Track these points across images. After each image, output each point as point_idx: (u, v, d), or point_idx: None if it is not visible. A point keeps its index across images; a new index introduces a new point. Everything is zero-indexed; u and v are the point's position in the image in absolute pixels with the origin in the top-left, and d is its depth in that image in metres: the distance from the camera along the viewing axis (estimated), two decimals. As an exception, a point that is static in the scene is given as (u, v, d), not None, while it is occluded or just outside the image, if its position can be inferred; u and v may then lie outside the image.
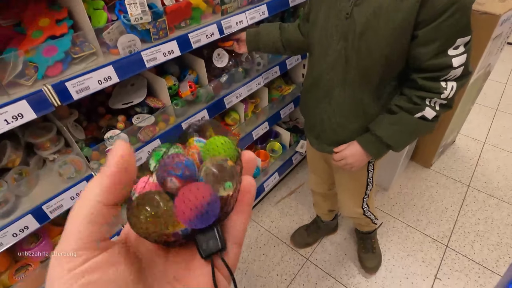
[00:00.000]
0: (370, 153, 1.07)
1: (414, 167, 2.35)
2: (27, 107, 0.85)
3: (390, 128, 1.00)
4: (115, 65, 0.99)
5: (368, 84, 0.99)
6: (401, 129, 0.99)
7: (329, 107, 1.09)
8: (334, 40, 0.98)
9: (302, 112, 1.28)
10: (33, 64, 0.88)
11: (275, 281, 1.70)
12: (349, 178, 1.34)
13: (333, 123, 1.11)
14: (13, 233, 0.96)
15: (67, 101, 0.92)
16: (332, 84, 1.04)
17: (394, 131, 1.00)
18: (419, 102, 0.94)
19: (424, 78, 0.91)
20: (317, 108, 1.13)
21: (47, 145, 1.08)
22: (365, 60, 0.94)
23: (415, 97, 0.95)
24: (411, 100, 0.96)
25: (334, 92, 1.05)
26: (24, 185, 1.01)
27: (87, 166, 1.11)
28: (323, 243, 1.89)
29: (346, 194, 1.43)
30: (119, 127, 1.18)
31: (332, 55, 1.01)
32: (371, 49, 0.92)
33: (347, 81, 1.01)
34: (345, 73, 1.00)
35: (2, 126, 0.82)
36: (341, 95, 1.04)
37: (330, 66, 1.03)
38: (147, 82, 1.30)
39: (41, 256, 1.13)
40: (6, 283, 1.08)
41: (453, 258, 1.76)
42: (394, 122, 0.99)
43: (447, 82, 0.90)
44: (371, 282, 1.68)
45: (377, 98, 1.02)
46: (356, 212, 1.47)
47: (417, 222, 1.96)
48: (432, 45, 0.85)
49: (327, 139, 1.17)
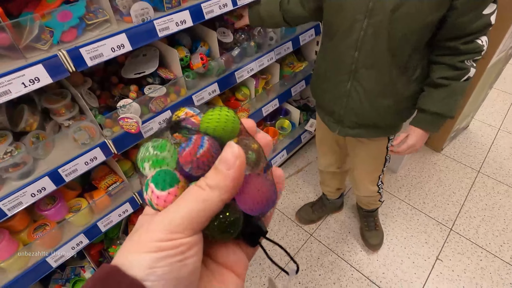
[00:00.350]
0: (432, 131, 1.08)
1: (424, 151, 2.33)
2: (43, 71, 0.87)
3: (446, 102, 1.01)
4: (128, 33, 1.00)
5: (397, 61, 0.97)
6: (456, 98, 1.01)
7: (353, 90, 1.06)
8: (360, 19, 0.93)
9: (316, 96, 1.25)
10: (48, 29, 0.89)
11: (278, 254, 1.75)
12: (368, 158, 1.35)
13: (358, 106, 1.08)
14: (31, 193, 1.01)
15: (81, 67, 0.94)
16: (357, 65, 1.01)
17: (450, 103, 1.01)
18: (464, 66, 0.96)
19: (465, 42, 0.93)
20: (337, 91, 1.10)
21: (62, 111, 1.11)
22: (397, 37, 0.92)
23: (458, 63, 0.96)
24: (455, 67, 0.97)
25: (360, 73, 1.02)
26: (41, 148, 1.05)
27: (100, 133, 1.14)
28: (327, 221, 1.92)
29: (364, 174, 1.44)
30: (131, 97, 1.20)
31: (356, 34, 0.96)
32: (405, 26, 0.89)
33: (376, 61, 0.98)
34: (373, 53, 0.97)
35: (19, 89, 0.85)
36: (368, 75, 1.01)
37: (355, 47, 0.98)
38: (159, 53, 1.30)
39: (57, 216, 1.19)
40: (25, 240, 1.15)
41: (456, 241, 1.78)
42: (447, 95, 1.00)
43: (481, 38, 0.93)
44: (373, 259, 1.72)
45: (405, 73, 1.01)
46: (371, 190, 1.49)
47: (423, 205, 1.97)
48: (473, 12, 0.87)
49: (350, 122, 1.14)
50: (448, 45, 0.96)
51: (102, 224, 1.29)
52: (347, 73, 1.04)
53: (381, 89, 1.03)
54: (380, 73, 1.00)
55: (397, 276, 1.65)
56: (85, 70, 1.30)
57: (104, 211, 1.30)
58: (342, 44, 1.01)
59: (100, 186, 1.31)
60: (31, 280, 1.14)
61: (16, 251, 1.08)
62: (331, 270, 1.69)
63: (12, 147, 0.98)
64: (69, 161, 1.06)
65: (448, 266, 1.67)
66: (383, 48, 0.95)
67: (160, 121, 1.25)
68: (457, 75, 0.97)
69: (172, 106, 1.28)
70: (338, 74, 1.07)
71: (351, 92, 1.07)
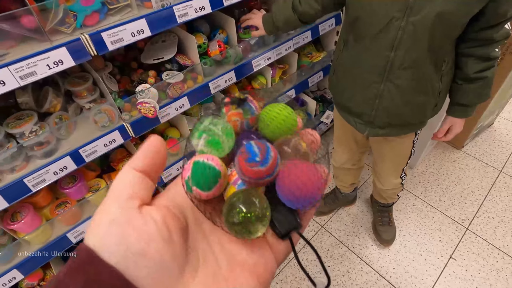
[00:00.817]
0: (469, 116, 1.12)
1: (444, 148, 2.26)
2: (66, 54, 0.90)
3: (484, 93, 1.04)
4: (148, 18, 1.01)
5: (435, 57, 0.94)
6: (491, 84, 1.03)
7: (386, 90, 1.01)
8: (398, 17, 0.88)
9: (339, 97, 1.20)
10: (72, 13, 0.92)
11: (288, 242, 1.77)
12: (395, 155, 1.35)
13: (391, 106, 1.04)
14: (54, 171, 1.06)
15: (103, 51, 0.96)
16: (392, 65, 0.96)
17: (487, 91, 1.04)
18: (497, 54, 0.97)
19: (499, 31, 0.92)
20: (368, 92, 1.05)
21: (84, 94, 1.15)
22: (440, 35, 0.88)
23: (493, 52, 0.96)
24: (488, 58, 0.96)
25: (394, 73, 0.97)
26: (63, 129, 1.09)
27: (119, 116, 1.17)
28: (339, 213, 1.92)
29: (389, 170, 1.44)
30: (149, 82, 1.22)
31: (393, 34, 0.90)
32: (450, 21, 0.86)
33: (414, 60, 0.93)
34: (412, 52, 0.92)
35: (44, 71, 0.88)
36: (404, 75, 0.97)
37: (391, 47, 0.93)
38: (178, 39, 1.32)
39: (77, 195, 1.25)
40: (48, 216, 1.22)
41: (472, 240, 1.73)
42: (484, 86, 1.02)
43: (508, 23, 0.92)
44: (384, 254, 1.71)
45: (439, 67, 0.98)
46: (395, 183, 1.49)
47: (439, 202, 1.93)
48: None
49: (382, 122, 1.11)
50: (482, 35, 0.93)
51: (119, 205, 1.34)
52: (380, 74, 0.99)
53: (416, 86, 1.00)
54: (416, 71, 0.96)
55: (407, 272, 1.63)
56: (106, 54, 1.34)
57: (121, 192, 1.35)
58: (375, 44, 0.95)
59: (118, 168, 1.36)
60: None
61: (39, 225, 1.14)
62: (340, 262, 1.70)
63: (37, 127, 1.03)
64: (89, 142, 1.10)
65: (461, 265, 1.64)
66: (423, 47, 0.90)
67: (176, 107, 1.27)
68: (491, 65, 0.98)
69: (189, 92, 1.30)
70: (368, 76, 1.02)
71: (383, 92, 1.02)
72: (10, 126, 0.99)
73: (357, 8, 0.96)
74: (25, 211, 1.12)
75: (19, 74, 0.84)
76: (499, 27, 0.91)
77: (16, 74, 0.84)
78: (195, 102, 1.34)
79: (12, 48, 0.89)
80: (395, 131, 1.16)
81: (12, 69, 0.83)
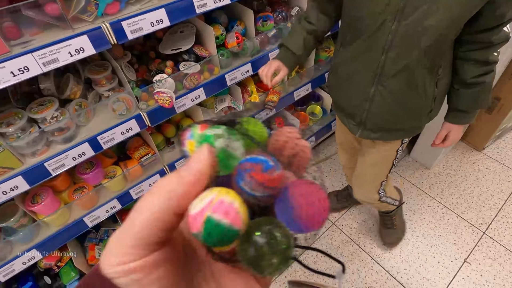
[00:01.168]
0: (468, 123, 1.09)
1: (463, 149, 2.19)
2: (87, 42, 0.92)
3: (483, 98, 1.00)
4: (167, 8, 1.01)
5: (428, 61, 0.90)
6: (490, 89, 1.00)
7: (378, 94, 0.98)
8: (388, 21, 0.84)
9: (335, 97, 1.17)
10: (94, 1, 0.93)
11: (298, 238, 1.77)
12: (376, 160, 1.26)
13: (383, 110, 1.01)
14: (73, 157, 1.09)
15: (122, 40, 0.98)
16: (383, 69, 0.93)
17: (486, 97, 1.00)
18: (495, 59, 0.92)
19: (497, 33, 0.87)
20: (360, 95, 1.02)
21: (103, 82, 1.17)
22: (433, 38, 0.84)
23: (492, 55, 0.91)
24: (487, 63, 0.92)
25: (386, 76, 0.94)
26: (83, 115, 1.12)
27: (136, 105, 1.19)
28: (351, 211, 1.90)
29: (366, 176, 1.35)
30: (166, 72, 1.23)
31: (384, 37, 0.87)
32: (442, 23, 0.81)
33: (405, 64, 0.90)
34: (403, 56, 0.89)
35: (66, 58, 0.91)
36: (396, 79, 0.93)
37: (380, 50, 0.90)
38: (196, 30, 1.32)
39: (94, 181, 1.28)
40: (66, 199, 1.26)
41: (488, 245, 1.68)
42: (482, 92, 0.98)
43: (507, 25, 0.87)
44: (395, 254, 1.68)
45: (433, 71, 0.94)
46: (371, 198, 1.41)
47: (455, 205, 1.87)
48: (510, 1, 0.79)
49: (374, 125, 1.08)
50: (479, 38, 0.88)
51: (134, 192, 1.37)
52: (372, 77, 0.96)
53: (408, 91, 0.95)
54: (408, 76, 0.92)
55: (419, 274, 1.60)
56: (125, 43, 1.36)
57: (136, 180, 1.38)
58: (368, 46, 0.92)
59: (133, 156, 1.39)
60: (69, 236, 1.25)
61: (58, 208, 1.18)
62: (350, 260, 1.68)
63: (58, 113, 1.05)
64: (107, 130, 1.13)
65: (476, 270, 1.60)
66: (415, 51, 0.87)
67: (192, 98, 1.28)
68: (489, 69, 0.93)
69: (205, 84, 1.30)
70: (361, 78, 0.99)
71: (375, 96, 0.99)
72: (33, 111, 1.02)
73: (352, 9, 0.93)
74: (45, 194, 1.16)
75: (43, 61, 0.86)
76: (498, 29, 0.86)
77: (39, 60, 0.86)
78: (211, 94, 1.35)
79: (36, 35, 0.92)
80: (387, 136, 1.12)
81: (36, 55, 0.85)
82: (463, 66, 0.95)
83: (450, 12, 0.79)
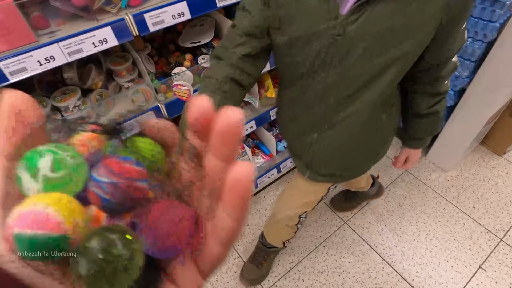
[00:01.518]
0: (425, 146, 1.12)
1: (483, 152, 2.13)
2: (110, 33, 0.94)
3: (438, 124, 1.02)
4: (188, 1, 1.02)
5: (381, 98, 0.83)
6: (442, 114, 1.01)
7: (326, 136, 0.91)
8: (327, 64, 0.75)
9: (282, 134, 1.11)
10: (118, -7, 0.95)
11: (309, 235, 1.77)
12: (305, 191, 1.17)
13: (334, 153, 0.95)
14: (92, 145, 1.12)
15: (144, 32, 0.99)
16: (330, 110, 0.85)
17: (440, 122, 1.03)
18: (446, 88, 0.92)
19: (446, 65, 0.84)
20: (307, 137, 0.94)
21: (123, 73, 1.19)
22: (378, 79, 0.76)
23: (443, 87, 0.91)
24: (439, 93, 0.92)
25: (336, 117, 0.86)
26: (103, 105, 1.15)
27: (155, 97, 1.21)
28: (364, 211, 1.88)
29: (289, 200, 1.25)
30: (185, 65, 1.25)
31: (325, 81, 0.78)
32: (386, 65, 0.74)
33: (354, 103, 0.82)
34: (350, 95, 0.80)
35: (90, 49, 0.93)
36: (347, 119, 0.86)
37: (323, 92, 0.81)
38: (215, 24, 1.32)
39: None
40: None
41: (505, 252, 1.64)
42: (437, 119, 0.99)
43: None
44: (407, 257, 1.66)
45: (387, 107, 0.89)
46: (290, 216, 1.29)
47: (472, 210, 1.83)
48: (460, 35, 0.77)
49: (323, 169, 1.01)
50: (428, 77, 0.86)
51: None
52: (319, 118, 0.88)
53: (363, 132, 0.90)
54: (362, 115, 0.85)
55: (431, 278, 1.58)
56: (146, 35, 1.38)
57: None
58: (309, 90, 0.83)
59: (150, 147, 1.41)
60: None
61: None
62: (361, 259, 1.67)
63: (80, 102, 1.08)
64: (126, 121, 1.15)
65: (491, 277, 1.56)
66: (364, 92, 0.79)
67: (210, 92, 1.29)
68: (441, 98, 0.94)
69: (222, 77, 1.30)
70: (306, 119, 0.91)
71: (323, 139, 0.92)
72: (57, 99, 1.05)
73: (282, 56, 0.82)
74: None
75: (68, 51, 0.89)
76: (446, 65, 0.84)
77: (64, 50, 0.88)
78: (228, 88, 1.35)
79: (62, 25, 0.94)
80: (334, 180, 1.09)
81: (61, 45, 0.87)
82: (415, 98, 0.95)
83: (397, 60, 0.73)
